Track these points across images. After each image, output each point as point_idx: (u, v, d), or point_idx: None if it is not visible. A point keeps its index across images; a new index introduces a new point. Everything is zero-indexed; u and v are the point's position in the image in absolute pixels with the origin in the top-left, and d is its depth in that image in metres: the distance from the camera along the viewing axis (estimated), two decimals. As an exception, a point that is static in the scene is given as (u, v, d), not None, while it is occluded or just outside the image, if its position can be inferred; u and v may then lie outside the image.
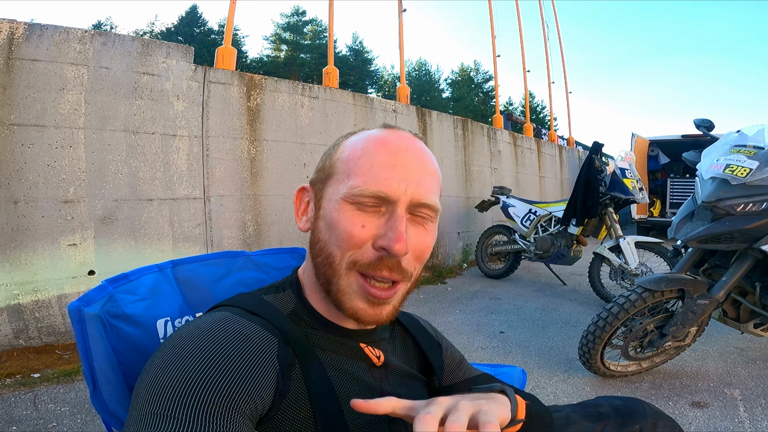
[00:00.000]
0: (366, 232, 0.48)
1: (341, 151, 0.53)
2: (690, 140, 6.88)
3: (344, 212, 0.49)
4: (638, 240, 3.35)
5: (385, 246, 0.47)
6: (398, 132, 0.53)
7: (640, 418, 0.68)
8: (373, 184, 0.48)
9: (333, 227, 0.50)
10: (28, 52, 2.36)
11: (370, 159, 0.49)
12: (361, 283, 0.50)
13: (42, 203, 2.38)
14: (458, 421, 0.37)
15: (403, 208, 0.49)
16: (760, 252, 1.74)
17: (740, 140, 1.85)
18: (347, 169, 0.51)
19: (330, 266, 0.50)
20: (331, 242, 0.50)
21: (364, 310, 0.50)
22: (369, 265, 0.49)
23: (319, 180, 0.55)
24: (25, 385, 1.97)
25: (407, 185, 0.49)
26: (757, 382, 1.98)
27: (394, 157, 0.50)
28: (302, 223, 0.56)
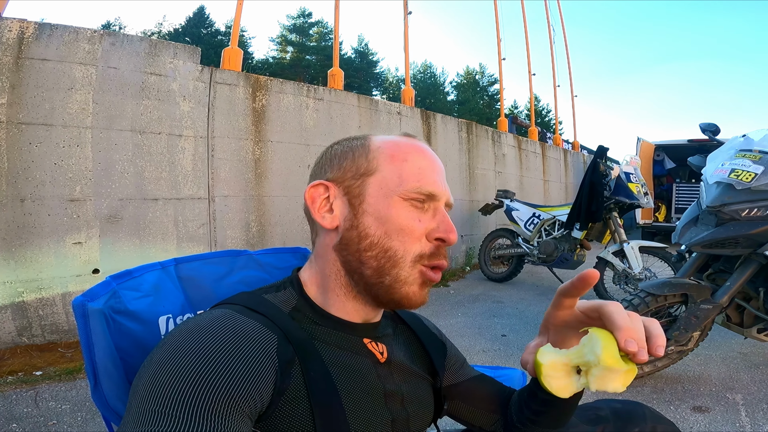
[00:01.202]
0: (422, 225, 0.54)
1: (378, 151, 0.56)
2: (696, 145, 6.85)
3: (401, 209, 0.53)
4: (642, 245, 3.34)
5: (444, 237, 0.54)
6: (423, 142, 0.60)
7: (639, 421, 0.68)
8: (426, 184, 0.54)
9: (390, 222, 0.53)
10: (37, 52, 2.39)
11: (417, 163, 0.55)
12: (423, 271, 0.54)
13: (48, 201, 2.40)
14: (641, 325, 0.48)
15: (444, 204, 0.56)
16: (764, 257, 1.73)
17: (746, 145, 1.84)
18: (396, 168, 0.55)
19: (390, 259, 0.53)
20: (389, 236, 0.53)
21: (416, 293, 0.54)
22: (432, 255, 0.54)
23: (352, 177, 0.55)
24: (26, 383, 1.97)
25: (444, 187, 0.57)
26: (760, 387, 1.97)
27: (432, 163, 0.57)
28: (327, 221, 0.56)
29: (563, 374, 0.49)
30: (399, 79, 32.84)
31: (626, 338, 0.45)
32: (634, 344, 0.45)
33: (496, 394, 0.69)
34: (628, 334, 0.46)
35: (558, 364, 0.49)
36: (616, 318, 0.47)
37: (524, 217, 4.25)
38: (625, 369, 0.46)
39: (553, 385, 0.49)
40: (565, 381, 0.49)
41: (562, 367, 0.49)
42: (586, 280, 0.50)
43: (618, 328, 0.46)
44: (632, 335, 0.45)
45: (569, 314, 0.55)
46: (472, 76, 34.77)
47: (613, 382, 0.46)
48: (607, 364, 0.46)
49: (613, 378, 0.46)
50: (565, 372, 0.49)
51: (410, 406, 0.58)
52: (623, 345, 0.45)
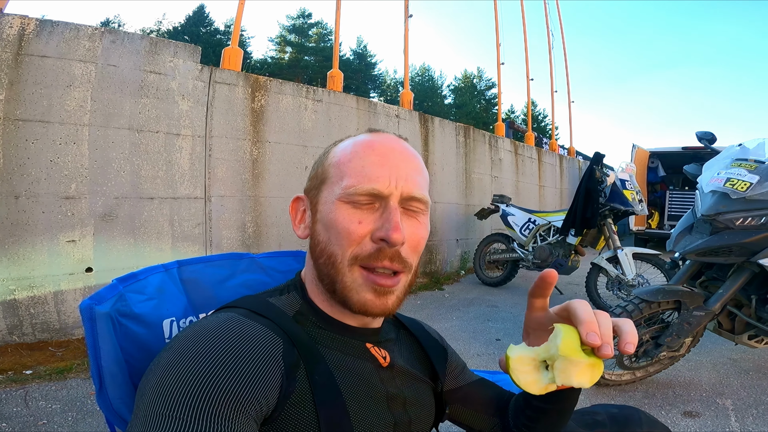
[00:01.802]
0: (363, 227, 0.51)
1: (332, 157, 0.56)
2: (690, 152, 6.91)
3: (340, 211, 0.51)
4: (636, 251, 3.37)
5: (384, 236, 0.50)
6: (384, 135, 0.56)
7: (635, 426, 0.69)
8: (366, 182, 0.51)
9: (331, 227, 0.52)
10: (37, 48, 2.37)
11: (360, 160, 0.52)
12: (365, 275, 0.51)
13: (43, 199, 2.38)
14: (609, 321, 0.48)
15: (396, 201, 0.52)
16: (757, 266, 1.75)
17: (741, 154, 1.87)
18: (339, 172, 0.53)
19: (333, 265, 0.52)
20: (331, 242, 0.52)
21: (372, 301, 0.52)
22: (370, 256, 0.51)
23: (314, 187, 0.57)
24: (16, 382, 1.95)
25: (397, 180, 0.52)
26: (749, 393, 1.99)
27: (383, 157, 0.53)
28: (300, 231, 0.58)
29: (531, 369, 0.50)
30: (397, 82, 32.87)
31: (587, 331, 0.46)
32: (595, 337, 0.45)
33: (495, 398, 0.70)
34: (590, 327, 0.46)
35: (525, 359, 0.50)
36: (579, 313, 0.48)
37: (520, 222, 4.27)
38: (587, 361, 0.46)
39: (521, 379, 0.50)
40: (532, 376, 0.50)
41: (530, 362, 0.50)
42: (545, 279, 0.52)
43: (580, 322, 0.47)
44: (593, 329, 0.46)
45: (543, 316, 0.55)
46: (469, 80, 34.89)
47: (577, 376, 0.46)
48: (565, 354, 0.46)
49: (575, 371, 0.46)
50: (533, 367, 0.50)
51: (412, 409, 0.58)
52: (584, 337, 0.46)
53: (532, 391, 0.50)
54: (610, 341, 0.46)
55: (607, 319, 0.48)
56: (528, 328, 0.57)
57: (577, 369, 0.46)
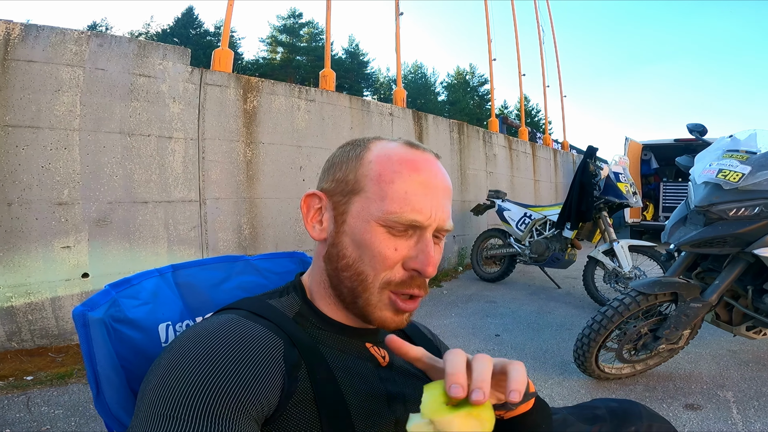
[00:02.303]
0: (398, 254, 0.52)
1: (368, 167, 0.53)
2: (682, 144, 6.96)
3: (377, 235, 0.51)
4: (632, 244, 3.38)
5: (419, 269, 0.51)
6: (425, 154, 0.55)
7: (635, 419, 0.69)
8: (409, 212, 0.51)
9: (365, 247, 0.52)
10: (23, 53, 2.35)
11: (404, 185, 0.51)
12: (393, 299, 0.53)
13: (36, 205, 2.36)
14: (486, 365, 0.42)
15: (431, 232, 0.53)
16: (752, 256, 1.76)
17: (733, 145, 1.88)
18: (380, 191, 0.52)
19: (362, 283, 0.52)
20: (362, 261, 0.52)
21: (391, 319, 0.54)
22: (401, 284, 0.52)
23: (341, 192, 0.54)
24: (18, 388, 1.95)
25: (435, 212, 0.52)
26: (750, 384, 2.00)
27: (426, 186, 0.52)
28: (316, 232, 0.57)
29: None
30: (390, 80, 32.87)
31: (450, 384, 0.41)
32: (458, 389, 0.40)
33: None
34: (453, 379, 0.41)
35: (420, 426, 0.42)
36: (446, 366, 0.43)
37: (516, 217, 4.28)
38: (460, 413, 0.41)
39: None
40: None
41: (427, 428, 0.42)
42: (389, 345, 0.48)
43: (445, 375, 0.42)
44: (457, 380, 0.41)
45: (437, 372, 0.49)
46: (462, 77, 34.94)
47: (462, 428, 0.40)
48: (430, 416, 0.41)
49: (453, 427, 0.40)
50: None
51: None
52: (448, 392, 0.41)
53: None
54: (481, 385, 0.40)
55: (483, 362, 0.43)
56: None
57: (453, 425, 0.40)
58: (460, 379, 0.41)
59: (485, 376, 0.42)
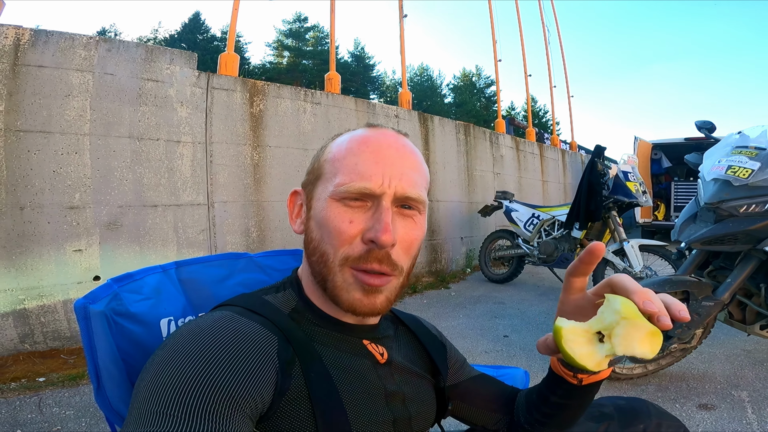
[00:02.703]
0: (354, 227, 0.50)
1: (327, 152, 0.55)
2: (693, 143, 6.86)
3: (332, 210, 0.50)
4: (642, 243, 3.34)
5: (373, 238, 0.48)
6: (381, 130, 0.54)
7: (644, 418, 0.67)
8: (358, 180, 0.49)
9: (323, 225, 0.51)
10: (33, 59, 2.39)
11: (354, 157, 0.51)
12: (355, 275, 0.50)
13: (48, 209, 2.40)
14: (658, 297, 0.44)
15: (389, 201, 0.50)
16: (764, 253, 1.73)
17: (742, 141, 1.85)
18: (333, 168, 0.52)
19: (325, 264, 0.51)
20: (323, 240, 0.51)
21: (360, 301, 0.51)
22: (359, 258, 0.50)
23: (309, 182, 0.56)
24: (30, 389, 1.98)
25: (390, 179, 0.50)
26: (765, 384, 1.96)
27: (377, 154, 0.51)
28: (296, 226, 0.58)
29: (585, 341, 0.45)
30: (396, 82, 32.90)
31: (644, 299, 0.43)
32: (653, 304, 0.42)
33: (497, 394, 0.69)
34: (645, 296, 0.43)
35: (578, 330, 0.45)
36: (629, 284, 0.45)
37: (523, 217, 4.25)
38: (650, 327, 0.42)
39: (577, 352, 0.45)
40: (587, 348, 0.45)
41: (583, 334, 0.45)
42: (594, 252, 0.48)
43: (633, 291, 0.44)
44: (649, 297, 0.43)
45: (581, 298, 0.51)
46: (468, 78, 34.87)
47: (641, 344, 0.42)
48: (630, 316, 0.43)
49: (638, 337, 0.42)
50: (587, 339, 0.45)
51: (412, 406, 0.57)
52: (642, 306, 0.42)
53: (588, 366, 0.45)
54: (665, 312, 0.43)
55: (653, 292, 0.45)
56: (563, 312, 0.53)
57: (641, 334, 0.42)
58: (651, 296, 0.43)
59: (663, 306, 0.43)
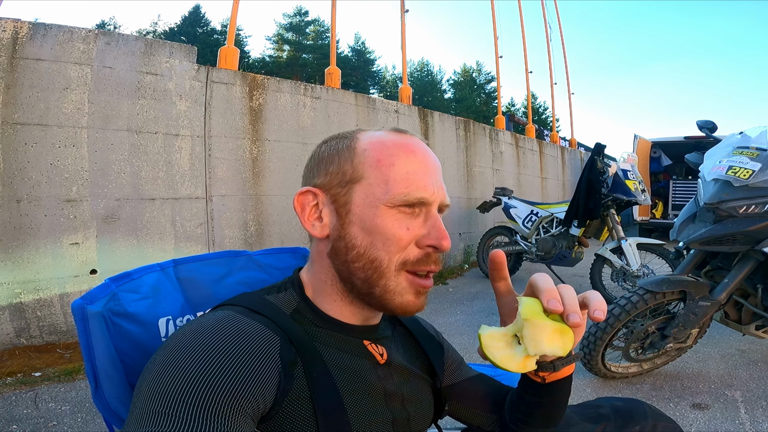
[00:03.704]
0: (411, 234, 0.52)
1: (364, 155, 0.53)
2: (692, 142, 6.86)
3: (388, 217, 0.51)
4: (640, 242, 3.35)
5: (435, 244, 0.52)
6: (414, 138, 0.56)
7: (640, 419, 0.68)
8: (414, 190, 0.51)
9: (376, 232, 0.51)
10: (32, 52, 2.37)
11: (405, 166, 0.52)
12: (411, 279, 0.52)
13: (45, 202, 2.39)
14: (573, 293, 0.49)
15: (436, 208, 0.54)
16: (762, 254, 1.74)
17: (743, 142, 1.85)
18: (382, 175, 0.52)
19: (377, 270, 0.51)
20: (375, 247, 0.51)
21: (413, 302, 0.53)
22: (418, 262, 0.52)
23: (338, 184, 0.53)
24: (26, 384, 1.97)
25: (436, 189, 0.53)
26: (759, 384, 1.98)
27: (424, 165, 0.53)
28: (317, 230, 0.55)
29: (504, 345, 0.49)
30: (396, 78, 32.81)
31: (548, 298, 0.46)
32: (556, 303, 0.46)
33: (493, 394, 0.69)
34: (550, 294, 0.47)
35: (496, 335, 0.50)
36: (539, 283, 0.49)
37: (522, 214, 4.25)
38: (553, 325, 0.46)
39: (496, 356, 0.49)
40: (506, 351, 0.49)
41: (501, 338, 0.49)
42: (494, 260, 0.55)
43: (540, 291, 0.48)
44: (554, 296, 0.47)
45: (512, 300, 0.56)
46: (469, 74, 34.78)
47: (547, 341, 0.45)
48: (528, 317, 0.46)
49: (543, 336, 0.45)
50: (506, 343, 0.49)
51: (411, 406, 0.58)
52: (546, 305, 0.46)
53: (509, 369, 0.48)
54: (575, 309, 0.46)
55: (569, 289, 0.49)
56: (503, 316, 0.58)
57: (545, 333, 0.46)
58: (556, 294, 0.47)
59: (575, 302, 0.47)
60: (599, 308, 0.47)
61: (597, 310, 0.47)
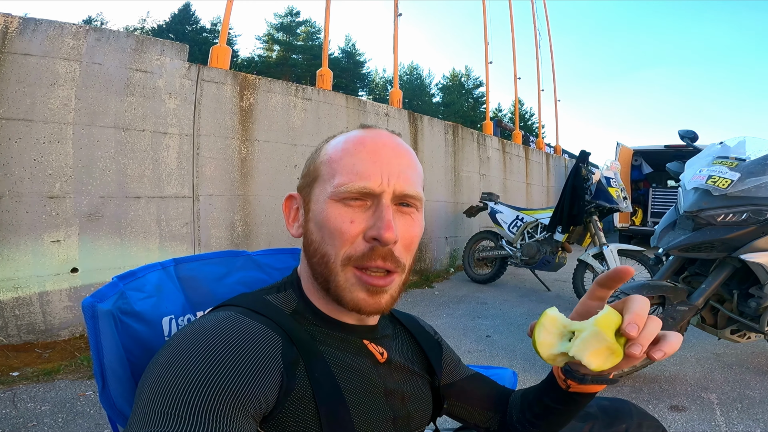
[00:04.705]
0: (355, 226, 0.50)
1: (323, 154, 0.55)
2: (673, 151, 7.05)
3: (332, 210, 0.51)
4: (621, 248, 3.43)
5: (376, 235, 0.49)
6: (376, 130, 0.55)
7: (626, 418, 0.70)
8: (357, 179, 0.50)
9: (323, 226, 0.51)
10: (21, 47, 2.33)
11: (351, 158, 0.51)
12: (358, 275, 0.51)
13: (27, 198, 2.33)
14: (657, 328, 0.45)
15: (388, 199, 0.51)
16: (738, 261, 1.80)
17: (723, 152, 1.91)
18: (331, 169, 0.52)
19: (326, 265, 0.51)
20: (324, 241, 0.52)
21: (365, 300, 0.51)
22: (362, 257, 0.50)
23: (306, 185, 0.56)
24: (4, 384, 1.92)
25: (389, 178, 0.51)
26: (733, 387, 2.04)
27: (374, 154, 0.52)
28: (294, 230, 0.58)
29: (554, 332, 0.48)
30: (386, 80, 32.87)
31: (630, 321, 0.44)
32: (635, 328, 0.43)
33: (491, 393, 0.71)
34: (634, 319, 0.44)
35: (557, 322, 0.48)
36: (632, 304, 0.46)
37: (508, 219, 4.31)
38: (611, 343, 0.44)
39: (540, 336, 0.48)
40: (551, 338, 0.48)
41: (559, 327, 0.48)
42: (618, 273, 0.50)
43: (629, 311, 0.45)
44: (638, 321, 0.44)
45: (597, 306, 0.53)
46: (457, 79, 35.05)
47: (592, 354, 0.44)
48: (601, 327, 0.45)
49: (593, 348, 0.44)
50: (558, 332, 0.48)
51: (411, 404, 0.59)
52: (624, 326, 0.44)
53: (541, 353, 0.48)
54: (644, 342, 0.44)
55: (656, 324, 0.45)
56: (577, 312, 0.55)
57: (597, 346, 0.44)
58: (641, 321, 0.44)
59: (651, 337, 0.44)
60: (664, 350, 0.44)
61: (659, 350, 0.44)
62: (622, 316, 0.46)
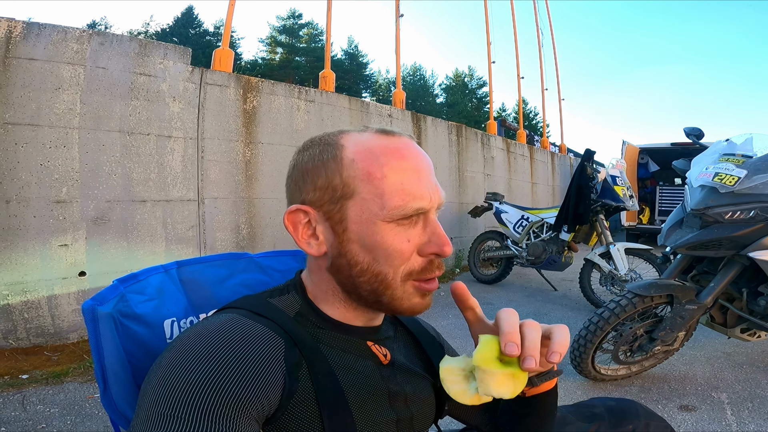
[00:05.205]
0: (412, 245, 0.51)
1: (353, 168, 0.51)
2: (679, 148, 6.99)
3: (387, 233, 0.50)
4: (628, 247, 3.40)
5: (437, 252, 0.52)
6: (402, 139, 0.54)
7: (633, 418, 0.70)
8: (411, 201, 0.50)
9: (377, 248, 0.51)
10: (25, 51, 2.35)
11: (396, 176, 0.50)
12: (417, 285, 0.53)
13: (34, 203, 2.36)
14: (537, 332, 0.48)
15: (434, 213, 0.54)
16: (747, 259, 1.78)
17: (729, 149, 1.90)
18: (375, 189, 0.50)
19: (382, 282, 0.52)
20: (378, 262, 0.51)
21: (419, 303, 0.54)
22: (423, 270, 0.52)
23: (330, 200, 0.52)
24: (13, 387, 1.95)
25: (432, 193, 0.52)
26: (744, 386, 2.02)
27: (417, 170, 0.52)
28: (313, 248, 0.53)
29: (460, 379, 0.50)
30: (389, 81, 32.91)
31: (506, 342, 0.46)
32: (513, 347, 0.45)
33: None
34: (509, 338, 0.46)
35: (454, 370, 0.50)
36: (502, 323, 0.48)
37: (513, 219, 4.29)
38: (503, 372, 0.46)
39: (450, 390, 0.50)
40: (461, 386, 0.50)
41: (459, 372, 0.50)
42: (454, 292, 0.57)
43: (501, 332, 0.47)
44: (513, 339, 0.46)
45: (485, 327, 0.58)
46: (461, 79, 35.02)
47: (495, 386, 0.46)
48: (479, 364, 0.46)
49: (492, 381, 0.46)
50: (462, 377, 0.50)
51: (414, 406, 0.59)
52: (503, 348, 0.46)
53: (463, 402, 0.49)
54: (533, 353, 0.46)
55: (534, 329, 0.48)
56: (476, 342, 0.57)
57: (494, 379, 0.46)
58: (516, 338, 0.46)
59: (537, 344, 0.46)
60: (557, 351, 0.47)
61: (554, 353, 0.46)
62: None
